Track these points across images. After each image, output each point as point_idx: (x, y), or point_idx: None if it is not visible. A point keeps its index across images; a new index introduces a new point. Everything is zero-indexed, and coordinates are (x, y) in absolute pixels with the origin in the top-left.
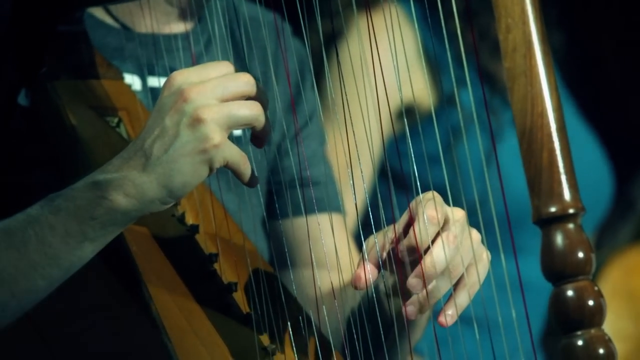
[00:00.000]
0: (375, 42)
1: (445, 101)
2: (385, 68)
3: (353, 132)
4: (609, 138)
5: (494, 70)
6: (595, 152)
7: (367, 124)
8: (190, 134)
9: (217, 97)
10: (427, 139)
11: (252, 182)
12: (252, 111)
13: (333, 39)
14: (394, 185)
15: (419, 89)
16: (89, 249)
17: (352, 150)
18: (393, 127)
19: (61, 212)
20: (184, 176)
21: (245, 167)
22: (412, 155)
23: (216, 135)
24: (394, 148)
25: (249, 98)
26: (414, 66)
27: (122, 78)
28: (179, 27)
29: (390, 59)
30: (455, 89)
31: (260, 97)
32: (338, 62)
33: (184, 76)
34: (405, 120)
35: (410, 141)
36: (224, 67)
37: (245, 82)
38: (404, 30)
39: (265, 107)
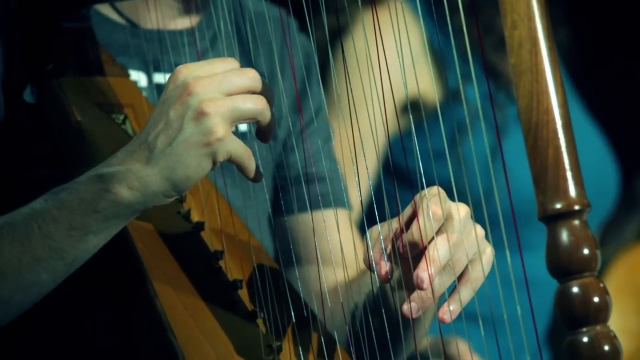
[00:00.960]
0: (381, 37)
1: (450, 96)
2: (390, 63)
3: (358, 127)
4: (615, 135)
5: (498, 65)
6: (601, 149)
7: (372, 119)
8: (195, 127)
9: (222, 91)
10: (431, 134)
11: (256, 177)
12: (256, 105)
13: (338, 34)
14: (399, 181)
15: (424, 84)
16: (92, 242)
17: (357, 145)
18: (398, 123)
19: (65, 205)
20: (187, 169)
21: (250, 161)
22: (418, 152)
23: (220, 129)
24: (399, 144)
25: (254, 93)
26: (419, 61)
27: (128, 75)
28: (184, 23)
29: (396, 54)
30: (461, 84)
31: (266, 92)
32: (343, 58)
33: (189, 70)
34: (411, 116)
35: (415, 137)
36: (230, 63)
37: (251, 78)
38: (409, 25)
39: (270, 102)
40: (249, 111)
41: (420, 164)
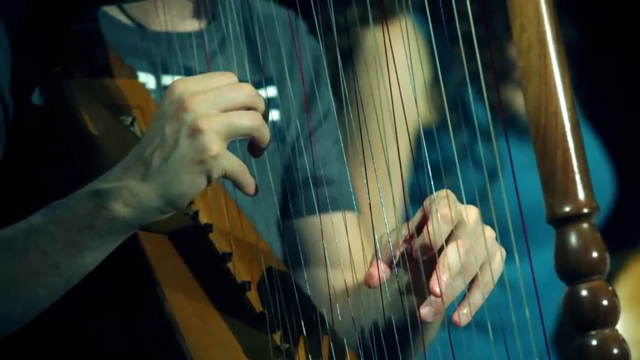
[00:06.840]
0: (394, 60)
1: (457, 120)
2: (400, 89)
3: (375, 169)
4: (612, 141)
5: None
6: (597, 157)
7: (386, 153)
8: (189, 144)
9: (217, 107)
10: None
11: (253, 193)
12: (252, 122)
13: (351, 60)
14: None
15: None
16: (89, 258)
17: (384, 179)
18: (413, 156)
19: (61, 221)
20: (182, 186)
21: (245, 177)
22: (429, 170)
23: (214, 146)
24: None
25: (250, 108)
26: (423, 86)
27: (136, 77)
28: (193, 25)
29: (404, 80)
30: (472, 103)
31: (262, 107)
32: (355, 87)
33: (185, 85)
34: (424, 143)
35: (428, 159)
36: (226, 77)
37: (247, 93)
38: (415, 47)
39: (266, 117)
40: (244, 127)
41: (432, 181)
